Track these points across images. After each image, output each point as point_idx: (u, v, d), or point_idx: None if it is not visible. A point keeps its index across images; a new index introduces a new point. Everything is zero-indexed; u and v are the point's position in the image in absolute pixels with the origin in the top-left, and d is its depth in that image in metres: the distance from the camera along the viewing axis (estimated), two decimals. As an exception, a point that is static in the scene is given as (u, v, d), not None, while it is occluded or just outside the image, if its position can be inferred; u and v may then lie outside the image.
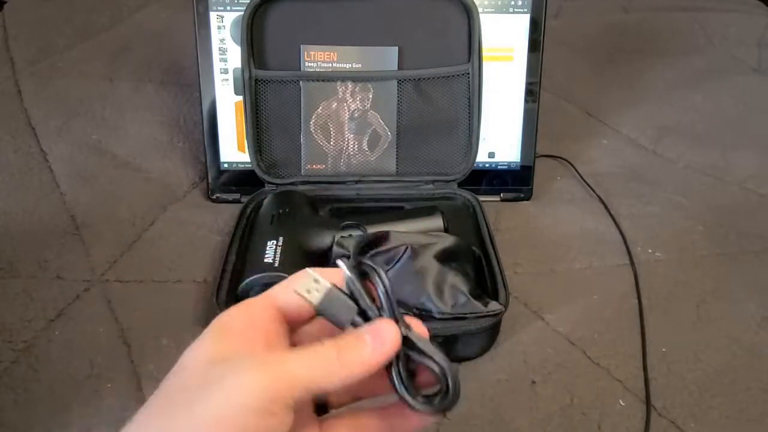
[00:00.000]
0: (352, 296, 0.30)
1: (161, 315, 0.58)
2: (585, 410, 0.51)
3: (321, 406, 0.32)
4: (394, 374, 0.29)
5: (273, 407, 0.25)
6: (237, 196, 0.73)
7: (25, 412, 0.49)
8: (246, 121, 0.69)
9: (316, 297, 0.29)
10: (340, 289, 0.30)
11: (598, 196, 0.75)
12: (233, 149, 0.73)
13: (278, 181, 0.71)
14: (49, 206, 0.70)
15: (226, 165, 0.74)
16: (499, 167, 0.76)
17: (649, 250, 0.68)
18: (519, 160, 0.76)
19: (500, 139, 0.75)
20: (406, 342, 0.29)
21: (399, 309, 0.29)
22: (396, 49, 0.69)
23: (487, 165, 0.76)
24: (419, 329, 0.30)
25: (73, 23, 0.98)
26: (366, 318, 0.29)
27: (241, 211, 0.67)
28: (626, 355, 0.56)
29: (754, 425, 0.51)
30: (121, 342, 0.55)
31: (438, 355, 0.29)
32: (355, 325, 0.29)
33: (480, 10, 0.68)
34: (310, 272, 0.30)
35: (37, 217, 0.68)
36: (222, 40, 0.70)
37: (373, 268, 0.30)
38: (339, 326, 0.30)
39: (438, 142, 0.72)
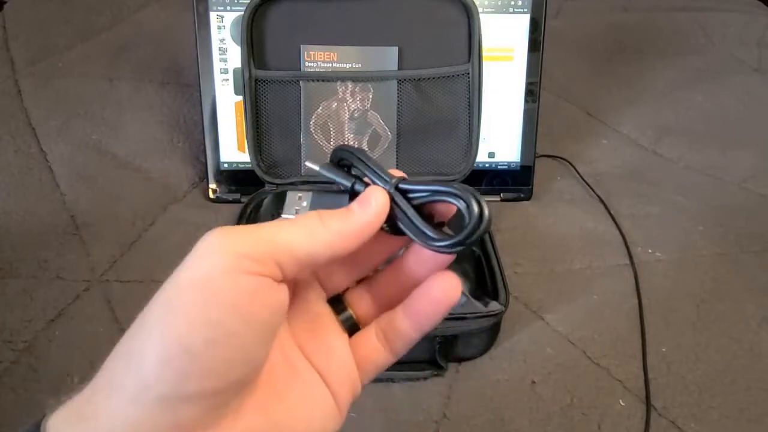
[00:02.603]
0: (340, 191, 0.28)
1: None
2: (585, 410, 0.51)
3: (351, 326, 0.29)
4: (396, 212, 0.26)
5: (251, 266, 0.23)
6: (237, 196, 0.73)
7: (25, 412, 0.49)
8: (246, 121, 0.69)
9: (304, 209, 0.28)
10: (325, 191, 0.29)
11: (598, 196, 0.75)
12: (233, 149, 0.73)
13: (278, 181, 0.71)
14: (49, 206, 0.70)
15: (226, 165, 0.74)
16: (499, 167, 0.76)
17: (649, 250, 0.68)
18: (519, 160, 0.76)
19: (500, 139, 0.75)
20: (407, 192, 0.27)
21: (386, 171, 0.27)
22: (396, 49, 0.69)
23: (487, 165, 0.76)
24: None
25: (73, 23, 0.98)
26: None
27: (241, 211, 0.67)
28: (626, 355, 0.56)
29: (754, 425, 0.51)
30: (121, 342, 0.55)
31: (446, 187, 0.26)
32: None
33: (480, 10, 0.68)
34: (291, 192, 0.29)
35: (37, 217, 0.68)
36: (222, 40, 0.70)
37: (344, 148, 0.28)
38: None
39: (438, 142, 0.72)
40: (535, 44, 0.72)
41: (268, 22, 0.68)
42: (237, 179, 0.74)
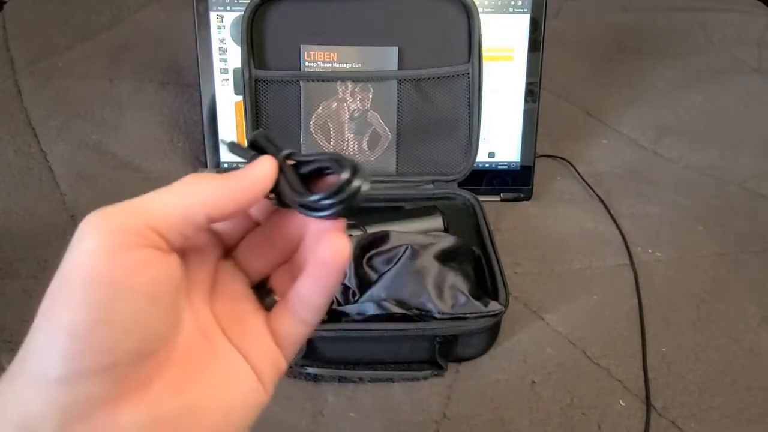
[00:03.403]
0: (244, 152, 0.28)
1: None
2: (585, 410, 0.51)
3: (270, 303, 0.29)
4: (281, 182, 0.26)
5: (125, 240, 0.23)
6: (237, 196, 0.73)
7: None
8: (246, 121, 0.69)
9: None
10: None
11: (598, 196, 0.75)
12: (233, 149, 0.73)
13: (278, 181, 0.71)
14: (49, 206, 0.70)
15: (226, 165, 0.74)
16: (499, 167, 0.76)
17: (649, 250, 0.68)
18: (519, 160, 0.76)
19: (500, 139, 0.75)
20: (297, 165, 0.27)
21: (283, 146, 0.27)
22: (396, 49, 0.69)
23: (487, 165, 0.76)
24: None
25: (73, 23, 0.98)
26: None
27: (241, 211, 0.67)
28: (626, 355, 0.56)
29: (754, 425, 0.51)
30: (121, 342, 0.55)
31: (327, 155, 0.26)
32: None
33: (480, 10, 0.68)
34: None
35: (37, 217, 0.68)
36: (222, 40, 0.70)
37: (254, 134, 0.28)
38: None
39: (438, 142, 0.72)
40: (535, 44, 0.72)
41: (268, 22, 0.68)
42: (237, 179, 0.74)
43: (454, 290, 0.54)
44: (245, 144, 0.29)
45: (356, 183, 0.25)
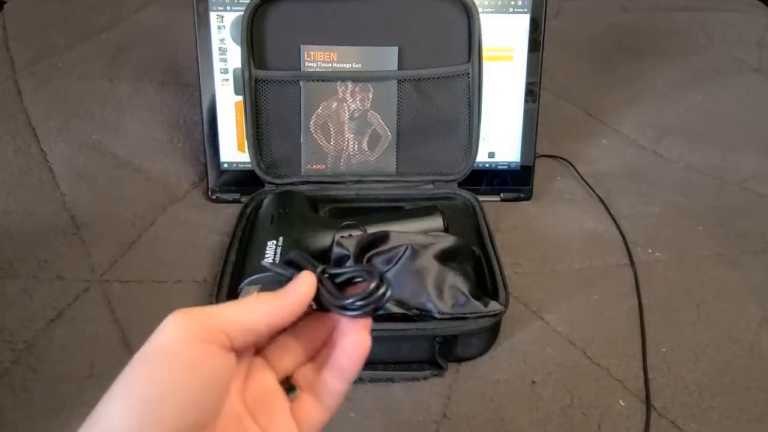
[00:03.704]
0: (281, 269, 0.34)
1: (161, 315, 0.57)
2: (585, 410, 0.51)
3: (290, 388, 0.34)
4: (321, 291, 0.32)
5: (203, 335, 0.28)
6: (237, 196, 0.73)
7: (25, 412, 0.49)
8: (246, 121, 0.69)
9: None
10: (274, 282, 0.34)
11: (598, 196, 0.75)
12: (233, 149, 0.73)
13: (278, 181, 0.71)
14: (49, 206, 0.70)
15: (226, 165, 0.74)
16: (499, 167, 0.76)
17: (649, 250, 0.68)
18: (519, 160, 0.76)
19: (500, 139, 0.75)
20: (332, 276, 0.33)
21: (316, 263, 0.33)
22: (396, 49, 0.69)
23: (487, 165, 0.76)
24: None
25: (73, 23, 0.98)
26: None
27: (241, 211, 0.67)
28: (626, 355, 0.56)
29: (754, 425, 0.51)
30: (121, 342, 0.55)
31: (358, 268, 0.33)
32: None
33: (480, 10, 0.68)
34: (247, 287, 0.35)
35: (37, 217, 0.68)
36: (222, 40, 0.70)
37: (294, 255, 0.34)
38: None
39: (438, 142, 0.72)
40: (535, 44, 0.72)
41: (268, 22, 0.68)
42: (237, 179, 0.74)
43: (454, 290, 0.54)
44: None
45: (383, 289, 0.32)
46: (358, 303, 0.31)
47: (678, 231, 0.70)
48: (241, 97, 0.70)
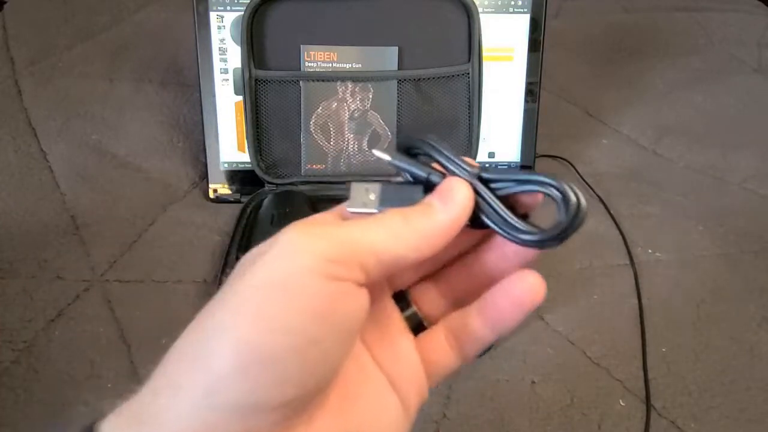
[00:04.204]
0: (412, 181, 0.26)
1: (161, 315, 0.58)
2: (585, 410, 0.51)
3: (417, 326, 0.27)
4: (485, 210, 0.24)
5: (336, 270, 0.21)
6: (237, 196, 0.73)
7: (25, 412, 0.49)
8: (246, 121, 0.69)
9: (373, 203, 0.26)
10: (397, 182, 0.26)
11: (598, 196, 0.75)
12: (233, 149, 0.73)
13: (278, 181, 0.71)
14: (49, 206, 0.70)
15: (226, 165, 0.74)
16: (499, 167, 0.76)
17: (649, 250, 0.68)
18: (519, 160, 0.76)
19: (500, 139, 0.75)
20: (490, 183, 0.25)
21: (465, 160, 0.25)
22: (396, 49, 0.69)
23: (487, 165, 0.76)
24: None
25: (73, 23, 0.98)
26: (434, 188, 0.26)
27: (241, 211, 0.67)
28: (626, 355, 0.56)
29: (754, 425, 0.51)
30: (121, 342, 0.55)
31: (536, 175, 0.24)
32: None
33: (480, 10, 0.68)
34: (356, 184, 0.26)
35: (37, 217, 0.68)
36: (222, 40, 0.70)
37: (412, 137, 0.26)
38: None
39: (438, 142, 0.72)
40: (535, 44, 0.72)
41: (268, 22, 0.68)
42: (237, 179, 0.74)
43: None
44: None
45: (583, 208, 0.23)
46: (542, 228, 0.23)
47: (678, 231, 0.70)
48: (241, 97, 0.70)
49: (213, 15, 0.69)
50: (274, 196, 0.67)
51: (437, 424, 0.50)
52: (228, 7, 0.69)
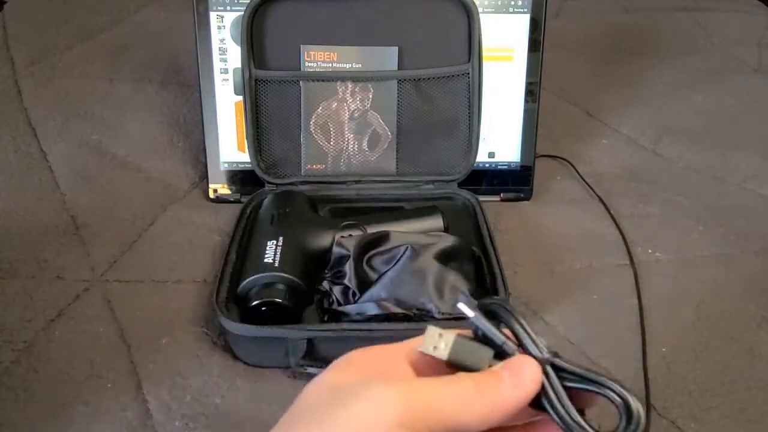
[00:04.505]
0: (483, 340, 0.28)
1: (161, 315, 0.58)
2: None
3: None
4: (548, 397, 0.26)
5: (413, 426, 0.24)
6: (237, 196, 0.73)
7: (25, 412, 0.49)
8: (246, 121, 0.69)
9: (443, 351, 0.28)
10: (469, 337, 0.28)
11: (598, 196, 0.75)
12: (233, 149, 0.73)
13: (278, 181, 0.71)
14: (49, 206, 0.70)
15: (226, 165, 0.74)
16: (499, 167, 0.76)
17: (649, 250, 0.68)
18: (519, 160, 0.76)
19: (500, 139, 0.75)
20: (559, 370, 0.27)
21: (540, 340, 0.27)
22: (396, 49, 0.69)
23: (487, 165, 0.76)
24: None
25: (73, 23, 0.98)
26: (504, 357, 0.27)
27: (241, 211, 0.67)
28: (626, 355, 0.56)
29: (754, 425, 0.51)
30: (121, 342, 0.55)
31: (603, 378, 0.26)
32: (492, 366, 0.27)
33: (480, 10, 0.68)
34: (432, 328, 0.28)
35: (37, 217, 0.68)
36: (222, 40, 0.70)
37: (500, 305, 0.28)
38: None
39: (438, 142, 0.72)
40: (535, 44, 0.72)
41: (268, 22, 0.68)
42: (237, 179, 0.74)
43: (454, 290, 0.54)
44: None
45: (642, 421, 0.25)
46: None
47: (678, 231, 0.70)
48: (241, 97, 0.70)
49: (213, 15, 0.69)
50: (274, 196, 0.67)
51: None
52: (228, 7, 0.69)
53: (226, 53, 0.71)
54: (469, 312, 0.28)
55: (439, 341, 0.28)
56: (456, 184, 0.72)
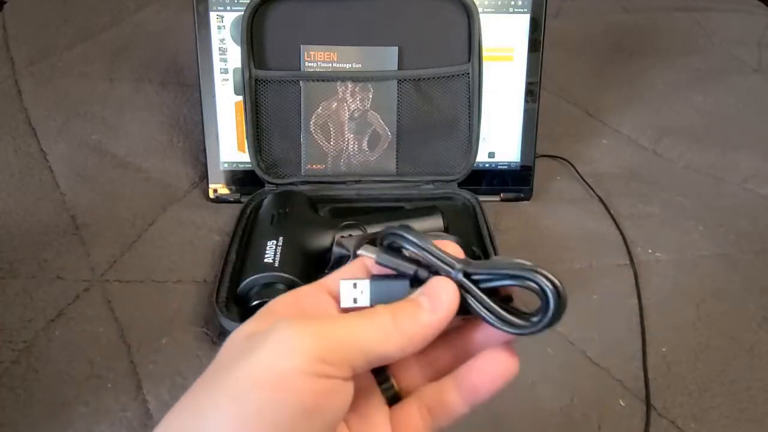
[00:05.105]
0: (396, 273, 0.28)
1: (161, 315, 0.58)
2: (585, 410, 0.51)
3: (393, 397, 0.29)
4: (473, 305, 0.26)
5: (325, 369, 0.23)
6: (237, 196, 0.73)
7: (25, 412, 0.49)
8: (246, 121, 0.69)
9: (365, 299, 0.28)
10: (381, 276, 0.28)
11: (598, 196, 0.75)
12: (233, 149, 0.73)
13: (278, 181, 0.71)
14: (49, 206, 0.70)
15: (226, 165, 0.74)
16: (499, 167, 0.76)
17: (649, 250, 0.68)
18: (519, 160, 0.76)
19: (500, 139, 0.75)
20: (474, 278, 0.26)
21: (447, 255, 0.27)
22: (396, 49, 0.69)
23: (487, 165, 0.76)
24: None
25: (73, 23, 0.98)
26: (422, 283, 0.27)
27: (241, 211, 0.67)
28: (626, 355, 0.56)
29: (754, 425, 0.51)
30: (121, 342, 0.55)
31: (516, 270, 0.26)
32: None
33: (480, 10, 0.68)
34: (344, 282, 0.28)
35: (37, 217, 0.68)
36: (222, 40, 0.70)
37: (394, 233, 0.28)
38: None
39: (438, 142, 0.72)
40: (535, 44, 0.72)
41: (268, 22, 0.68)
42: (237, 179, 0.74)
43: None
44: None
45: (563, 295, 0.26)
46: (531, 321, 0.26)
47: (678, 231, 0.70)
48: (241, 97, 0.70)
49: (213, 15, 0.69)
50: (274, 196, 0.67)
51: (437, 424, 0.50)
52: (228, 7, 0.69)
53: (226, 53, 0.71)
54: (371, 255, 0.28)
55: (356, 292, 0.28)
56: (456, 184, 0.72)
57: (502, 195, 0.76)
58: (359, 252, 0.28)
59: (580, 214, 0.73)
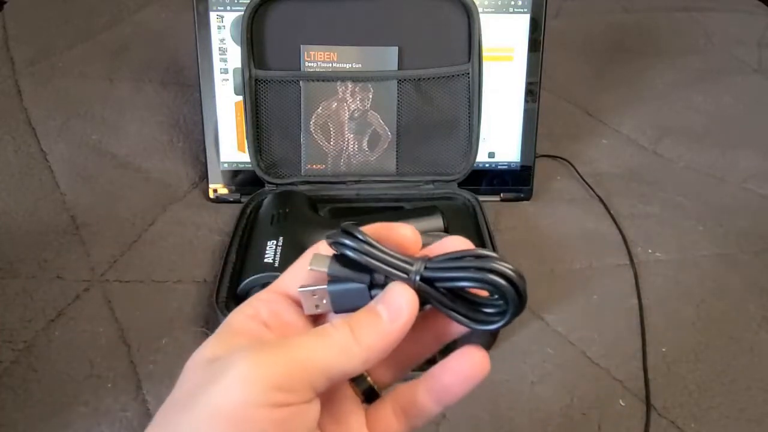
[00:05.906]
0: (353, 276, 0.27)
1: (161, 315, 0.58)
2: (585, 410, 0.51)
3: (370, 394, 0.29)
4: (435, 305, 0.26)
5: (284, 397, 0.23)
6: (237, 196, 0.73)
7: (25, 412, 0.49)
8: (246, 121, 0.69)
9: (327, 306, 0.27)
10: (339, 278, 0.27)
11: (598, 196, 0.75)
12: (233, 149, 0.73)
13: (278, 181, 0.71)
14: (49, 206, 0.70)
15: (226, 165, 0.74)
16: (499, 167, 0.76)
17: (649, 250, 0.68)
18: (519, 160, 0.76)
19: (500, 139, 0.75)
20: (433, 281, 0.26)
21: (400, 256, 0.26)
22: (396, 49, 0.69)
23: (487, 165, 0.76)
24: (447, 245, 0.27)
25: (73, 23, 0.98)
26: (381, 285, 0.27)
27: (241, 211, 0.67)
28: (626, 355, 0.56)
29: (754, 425, 0.51)
30: (121, 342, 0.55)
31: (470, 273, 0.25)
32: None
33: (480, 10, 0.68)
34: (303, 291, 0.27)
35: (37, 217, 0.68)
36: (222, 40, 0.70)
37: (338, 241, 0.26)
38: None
39: (438, 142, 0.72)
40: (535, 44, 0.72)
41: (268, 22, 0.68)
42: (237, 179, 0.74)
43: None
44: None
45: (523, 289, 0.26)
46: (493, 319, 0.25)
47: (678, 231, 0.70)
48: (241, 97, 0.70)
49: (213, 15, 0.69)
50: (274, 196, 0.67)
51: (437, 425, 0.50)
52: (228, 7, 0.69)
53: (226, 53, 0.71)
54: (322, 268, 0.27)
55: (317, 300, 0.27)
56: (456, 184, 0.72)
57: (502, 195, 0.76)
58: (309, 267, 0.27)
59: (580, 214, 0.73)
